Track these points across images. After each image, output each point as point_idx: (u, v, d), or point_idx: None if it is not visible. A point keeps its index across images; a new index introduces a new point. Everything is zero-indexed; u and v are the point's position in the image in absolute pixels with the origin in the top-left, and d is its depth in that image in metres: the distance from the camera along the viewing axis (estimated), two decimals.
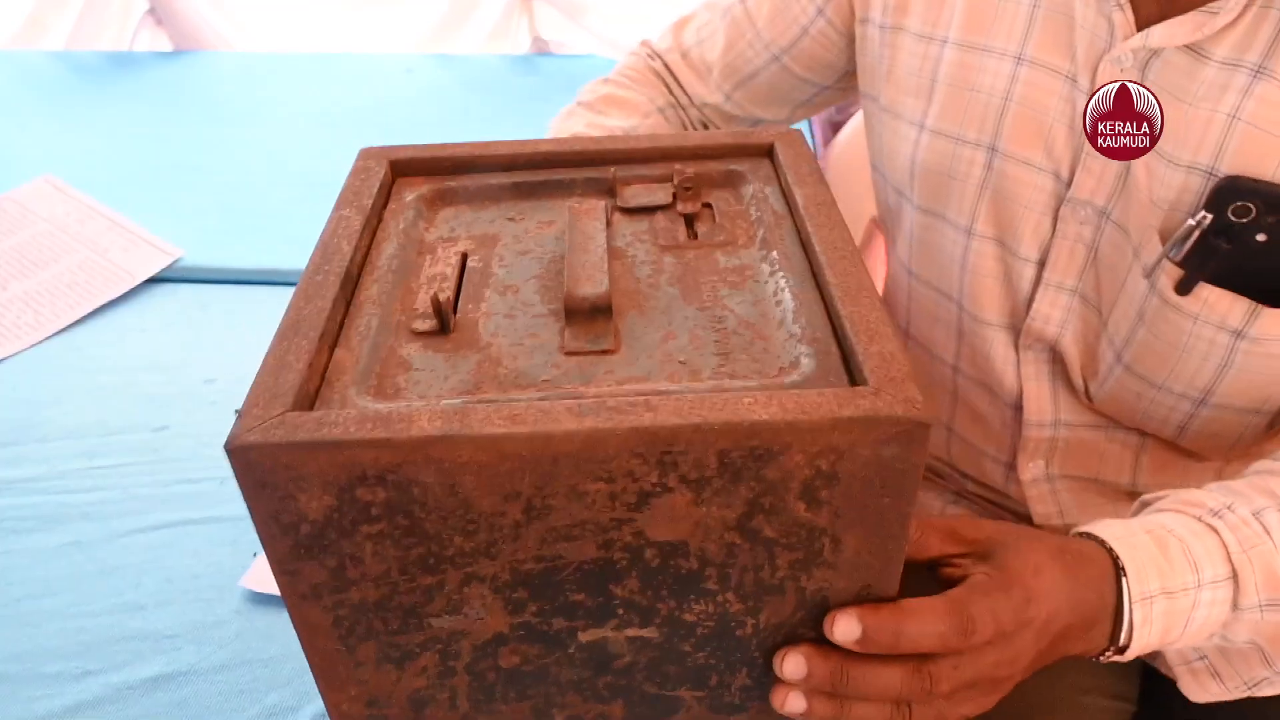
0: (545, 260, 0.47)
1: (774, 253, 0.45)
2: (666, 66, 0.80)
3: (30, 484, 0.68)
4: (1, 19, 1.77)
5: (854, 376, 0.37)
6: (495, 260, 0.47)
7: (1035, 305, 0.65)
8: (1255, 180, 0.52)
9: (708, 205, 0.51)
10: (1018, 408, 0.70)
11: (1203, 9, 0.52)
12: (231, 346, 0.82)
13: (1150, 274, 0.58)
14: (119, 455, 0.71)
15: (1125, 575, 0.48)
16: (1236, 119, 0.52)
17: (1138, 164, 0.56)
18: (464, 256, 0.47)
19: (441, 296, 0.42)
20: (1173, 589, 0.48)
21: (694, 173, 0.50)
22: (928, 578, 0.74)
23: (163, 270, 0.91)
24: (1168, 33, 0.54)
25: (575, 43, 1.78)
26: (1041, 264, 0.64)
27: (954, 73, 0.64)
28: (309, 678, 0.42)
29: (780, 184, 0.51)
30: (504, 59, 1.50)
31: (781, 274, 0.44)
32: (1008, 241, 0.64)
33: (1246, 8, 0.51)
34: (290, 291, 0.42)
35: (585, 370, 0.39)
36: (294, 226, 0.95)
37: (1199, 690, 0.54)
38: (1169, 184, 0.55)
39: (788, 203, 0.49)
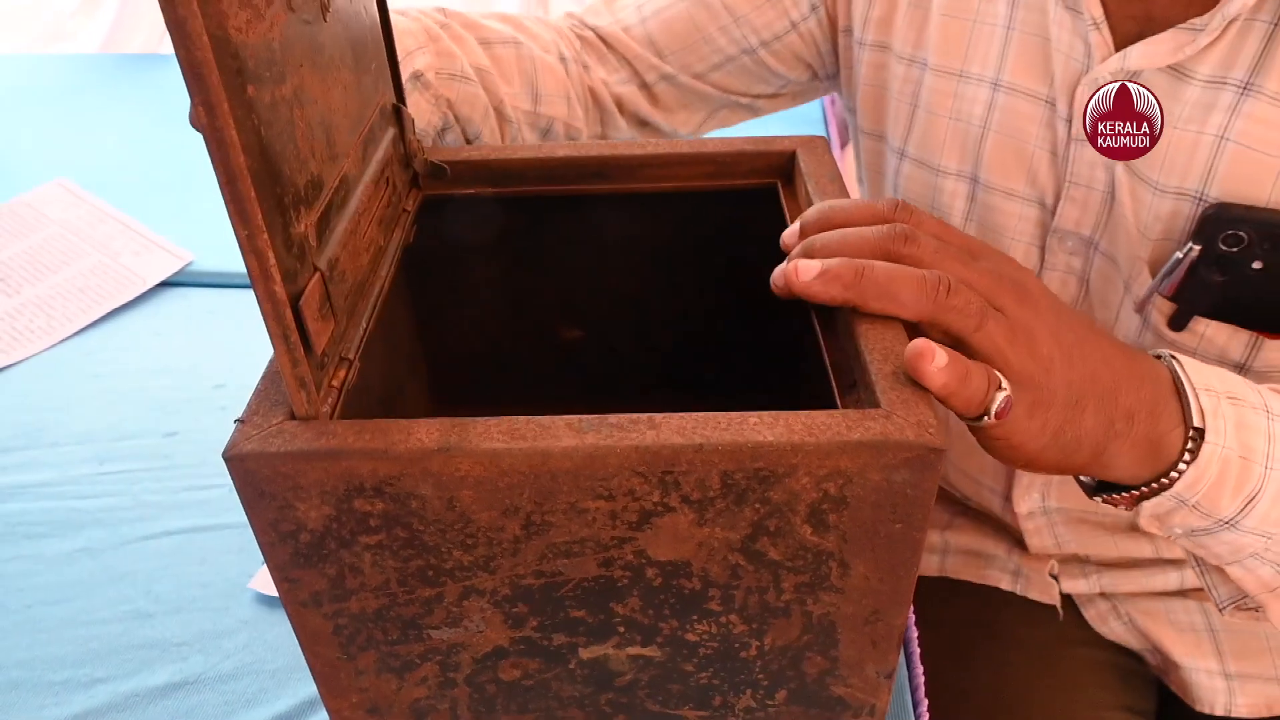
0: None
1: None
2: (597, 34, 0.76)
3: (42, 489, 0.70)
4: (37, 22, 1.84)
5: (870, 379, 0.38)
6: None
7: None
8: (1246, 207, 0.51)
9: None
10: None
11: (1183, 26, 0.51)
12: (241, 352, 0.84)
13: (1142, 309, 0.57)
14: (130, 461, 0.73)
15: (1177, 360, 0.45)
16: (1225, 139, 0.51)
17: (1123, 192, 0.56)
18: None
19: None
20: (1238, 396, 0.45)
21: None
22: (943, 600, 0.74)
23: (174, 274, 0.93)
24: (1147, 53, 0.53)
25: None
26: None
27: (932, 99, 0.64)
28: (316, 689, 0.43)
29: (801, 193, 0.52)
30: None
31: None
32: None
33: (1230, 23, 0.50)
34: None
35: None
36: None
37: None
38: (1157, 213, 0.54)
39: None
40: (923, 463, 0.35)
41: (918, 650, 0.59)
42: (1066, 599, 0.78)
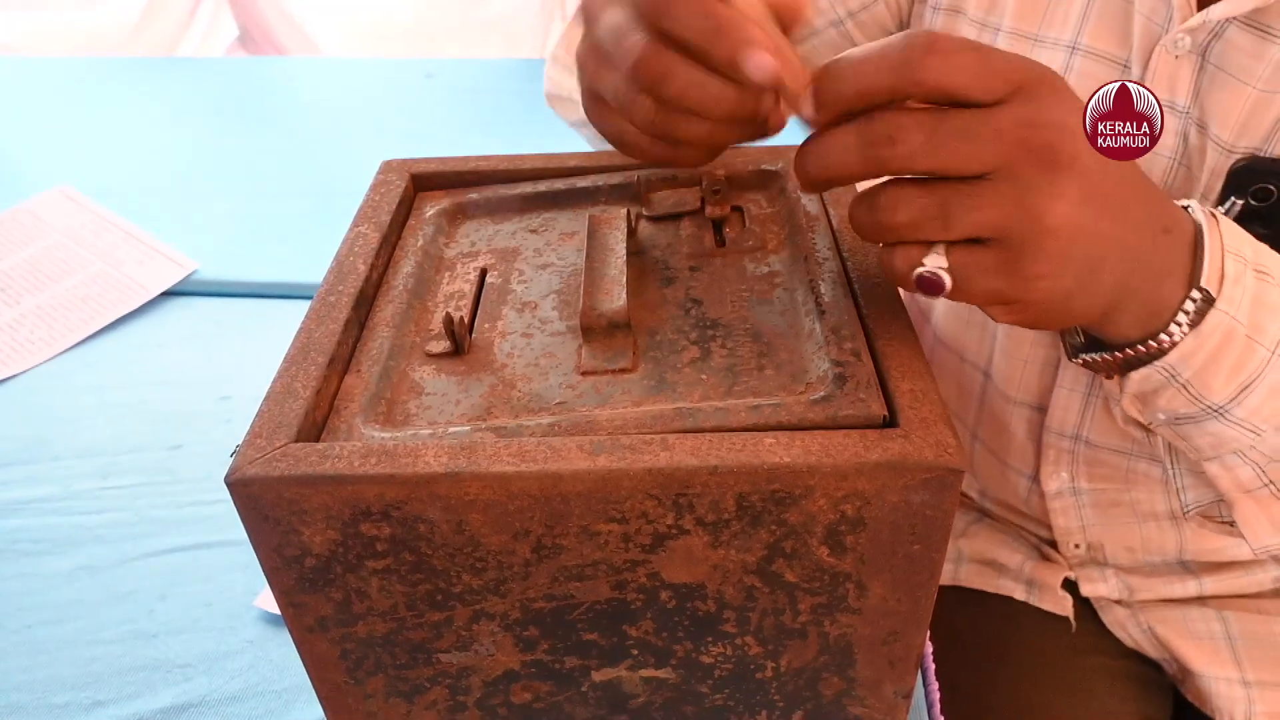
0: (565, 274, 0.48)
1: (805, 258, 0.46)
2: None
3: (43, 504, 0.70)
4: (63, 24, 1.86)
5: (886, 390, 0.38)
6: (515, 275, 0.48)
7: None
8: (1273, 160, 0.52)
9: (737, 209, 0.51)
10: (1042, 410, 0.70)
11: None
12: (246, 363, 0.84)
13: None
14: (133, 475, 0.73)
15: (1214, 217, 0.43)
16: None
17: (1194, 155, 0.56)
18: (483, 272, 0.49)
19: (456, 316, 0.43)
20: (1268, 271, 0.43)
21: (724, 175, 0.51)
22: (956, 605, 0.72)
23: (177, 283, 0.93)
24: (1232, 4, 0.52)
25: None
26: None
27: None
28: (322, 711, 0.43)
29: None
30: (528, 63, 1.53)
31: (811, 280, 0.44)
32: None
33: None
34: (308, 305, 0.44)
35: (601, 391, 0.40)
36: (312, 237, 0.98)
37: (1266, 524, 0.49)
38: (1220, 174, 0.55)
39: (822, 200, 0.50)
40: (942, 483, 0.34)
41: (933, 666, 0.59)
42: (1084, 608, 0.77)
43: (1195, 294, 0.41)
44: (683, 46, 0.38)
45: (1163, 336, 0.42)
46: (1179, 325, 0.41)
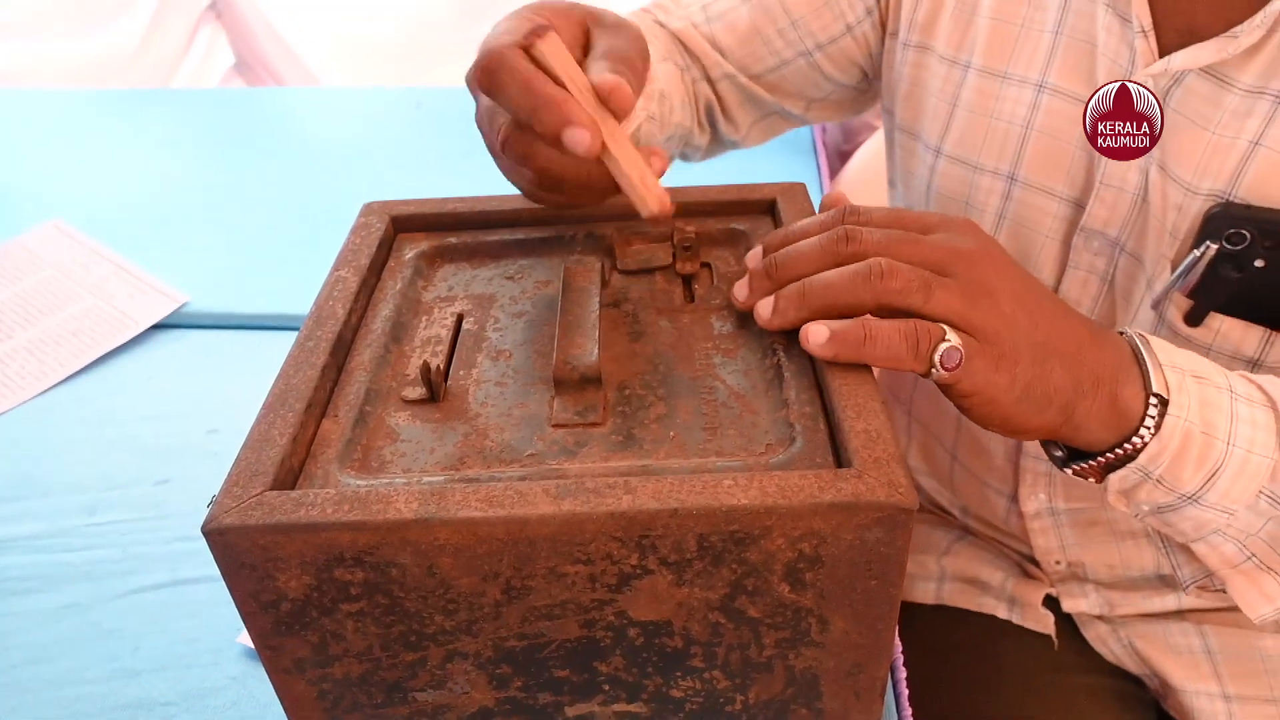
0: (539, 324, 0.49)
1: None
2: (675, 35, 0.79)
3: (30, 542, 0.71)
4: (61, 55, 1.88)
5: (840, 456, 0.39)
6: (490, 323, 0.50)
7: None
8: (1247, 206, 0.54)
9: (706, 265, 0.53)
10: None
11: (1225, 35, 0.54)
12: (235, 395, 0.85)
13: (1158, 305, 0.59)
14: (120, 511, 0.74)
15: (1141, 336, 0.48)
16: (1259, 145, 0.54)
17: (1155, 193, 0.58)
18: (459, 318, 0.50)
19: (433, 363, 0.45)
20: (1203, 375, 0.48)
21: (694, 232, 0.53)
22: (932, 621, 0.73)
23: (168, 316, 0.94)
24: (1191, 56, 0.55)
25: None
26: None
27: (974, 99, 0.67)
28: None
29: None
30: None
31: (772, 341, 0.46)
32: None
33: (1270, 33, 0.53)
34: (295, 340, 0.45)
35: (571, 444, 0.41)
36: (302, 269, 0.98)
37: (1257, 595, 0.52)
38: (1186, 213, 0.57)
39: None
40: (894, 522, 0.36)
41: (906, 691, 0.60)
42: (1066, 625, 0.78)
43: (1154, 400, 0.46)
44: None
45: (1135, 440, 0.46)
46: (1147, 429, 0.46)
